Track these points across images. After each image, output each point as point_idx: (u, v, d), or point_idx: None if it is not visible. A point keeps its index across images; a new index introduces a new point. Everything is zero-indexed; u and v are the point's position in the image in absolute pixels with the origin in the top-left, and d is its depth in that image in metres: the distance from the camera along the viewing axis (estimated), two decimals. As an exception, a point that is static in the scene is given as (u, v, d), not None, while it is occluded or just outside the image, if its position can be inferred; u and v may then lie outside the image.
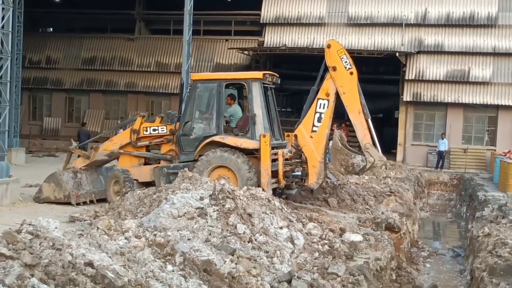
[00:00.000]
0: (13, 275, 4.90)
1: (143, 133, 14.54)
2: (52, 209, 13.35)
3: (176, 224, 7.87)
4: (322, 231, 9.84)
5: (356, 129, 13.28)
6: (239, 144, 13.15)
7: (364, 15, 31.27)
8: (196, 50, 31.68)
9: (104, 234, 6.62)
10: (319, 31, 31.78)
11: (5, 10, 14.11)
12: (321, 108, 13.28)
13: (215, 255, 7.16)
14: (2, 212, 12.91)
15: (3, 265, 5.07)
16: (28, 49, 32.55)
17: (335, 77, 13.28)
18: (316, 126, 13.16)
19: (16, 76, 23.99)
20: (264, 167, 12.68)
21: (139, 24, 35.32)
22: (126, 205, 11.38)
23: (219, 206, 8.53)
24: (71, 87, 35.43)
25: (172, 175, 13.38)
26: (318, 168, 12.99)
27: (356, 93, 13.33)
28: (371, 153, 13.12)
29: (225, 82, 13.92)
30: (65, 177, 14.54)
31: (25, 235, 5.64)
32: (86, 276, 5.31)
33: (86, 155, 15.33)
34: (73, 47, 35.78)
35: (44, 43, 36.26)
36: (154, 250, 6.62)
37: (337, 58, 13.38)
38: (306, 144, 13.15)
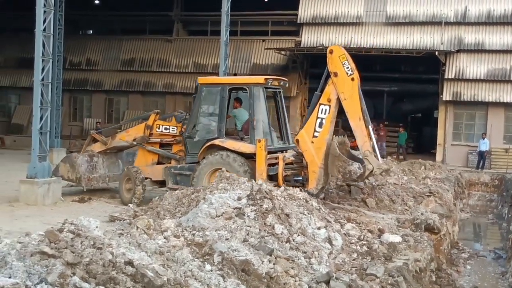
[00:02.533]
0: (55, 273, 4.99)
1: (156, 130, 15.09)
2: (93, 209, 13.57)
3: (214, 224, 7.91)
4: (361, 232, 9.76)
5: (356, 136, 13.10)
6: (237, 148, 13.54)
7: (402, 14, 30.94)
8: (234, 51, 31.76)
9: (144, 234, 6.69)
10: (357, 30, 31.56)
11: (47, 13, 14.39)
12: (323, 114, 13.24)
13: (253, 255, 7.16)
14: (44, 212, 13.19)
15: (46, 263, 5.16)
16: (68, 51, 33.08)
17: (336, 83, 13.19)
18: (318, 131, 13.15)
19: (57, 78, 24.43)
20: (259, 171, 13.08)
21: (177, 26, 35.61)
22: (165, 204, 11.48)
23: (256, 206, 8.54)
24: (110, 89, 35.92)
25: (178, 176, 14.19)
26: (317, 173, 12.96)
27: (357, 100, 13.15)
28: (370, 160, 12.90)
29: (229, 87, 14.30)
30: (80, 160, 15.30)
31: (67, 234, 5.74)
32: (126, 275, 5.37)
33: (103, 141, 15.97)
34: (113, 48, 36.26)
35: (84, 45, 36.82)
36: (193, 250, 6.66)
37: (339, 64, 13.27)
38: (307, 149, 13.15)
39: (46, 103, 14.33)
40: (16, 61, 37.32)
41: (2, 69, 37.98)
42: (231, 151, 13.54)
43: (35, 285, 4.86)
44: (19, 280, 4.82)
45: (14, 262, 5.12)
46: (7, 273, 4.98)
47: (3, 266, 5.13)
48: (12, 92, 38.19)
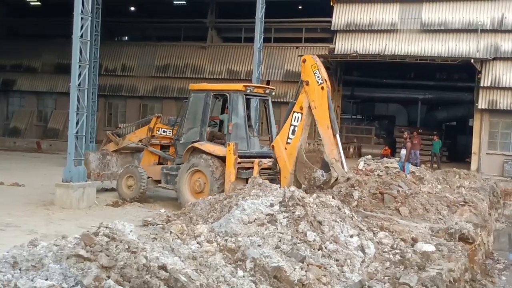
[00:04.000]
0: (90, 276, 5.06)
1: (156, 132, 16.09)
2: (127, 213, 13.72)
3: (246, 230, 7.92)
4: (394, 241, 9.67)
5: (324, 144, 13.54)
6: (212, 151, 14.37)
7: (438, 21, 30.66)
8: (267, 57, 31.86)
9: (177, 238, 6.74)
10: (391, 37, 31.37)
11: (84, 19, 14.64)
12: (295, 121, 13.69)
13: (285, 262, 7.16)
14: (79, 215, 13.38)
15: (81, 266, 5.24)
16: (104, 57, 33.57)
17: (308, 92, 13.61)
18: (290, 138, 13.63)
19: (93, 84, 24.78)
20: (227, 173, 13.90)
21: (211, 32, 35.86)
22: (197, 210, 11.56)
23: (289, 213, 8.53)
24: (145, 94, 36.32)
25: (168, 176, 15.09)
26: (288, 179, 13.34)
27: (326, 108, 13.54)
28: (335, 168, 13.29)
29: (212, 93, 15.09)
30: (91, 157, 16.49)
31: (102, 237, 5.81)
32: (160, 279, 5.41)
33: (116, 141, 17.10)
34: (147, 55, 36.68)
35: (119, 52, 37.33)
36: (225, 255, 6.69)
37: (310, 73, 13.72)
38: (280, 155, 13.69)
39: (82, 108, 14.55)
40: (53, 67, 38.00)
41: (39, 74, 38.71)
42: (207, 153, 14.32)
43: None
44: (55, 282, 4.90)
45: (51, 264, 5.20)
46: (43, 275, 5.07)
47: (40, 268, 5.22)
48: (49, 97, 38.88)
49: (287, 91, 32.99)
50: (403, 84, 36.63)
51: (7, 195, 15.52)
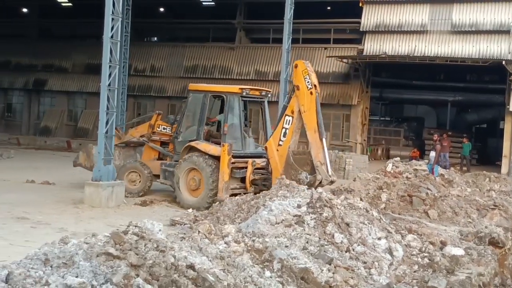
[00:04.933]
0: (120, 274, 5.12)
1: (157, 129, 16.46)
2: (155, 212, 13.83)
3: (274, 231, 7.93)
4: (422, 244, 9.59)
5: (311, 147, 14.14)
6: (208, 151, 14.81)
7: (468, 22, 30.30)
8: (295, 58, 31.71)
9: (205, 238, 6.78)
10: (421, 38, 31.09)
11: (115, 20, 14.79)
12: (287, 124, 14.33)
13: (312, 263, 7.15)
14: (108, 214, 13.53)
15: (111, 264, 5.30)
16: (133, 57, 33.84)
17: (298, 96, 14.25)
18: (282, 140, 14.30)
19: (122, 84, 25.01)
20: (221, 172, 14.36)
21: (239, 33, 35.94)
22: (225, 210, 11.60)
23: (316, 215, 8.51)
24: (173, 95, 36.53)
25: (166, 172, 15.57)
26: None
27: (314, 113, 14.19)
28: (320, 171, 13.86)
29: (210, 94, 15.55)
30: (95, 150, 16.32)
31: (131, 236, 5.87)
32: (188, 279, 5.45)
33: (119, 135, 17.38)
34: (176, 56, 36.91)
35: (148, 52, 37.63)
36: (253, 256, 6.71)
37: (301, 78, 14.28)
38: (272, 157, 14.38)
39: (112, 108, 14.70)
40: (83, 67, 38.47)
41: (70, 74, 39.22)
42: (203, 152, 14.78)
43: (101, 285, 4.99)
44: (85, 280, 4.97)
45: (81, 262, 5.27)
46: (74, 273, 5.14)
47: (71, 266, 5.29)
48: (79, 97, 39.36)
49: (315, 92, 32.92)
50: (432, 86, 36.31)
51: (38, 193, 15.76)
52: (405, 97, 37.75)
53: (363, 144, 33.03)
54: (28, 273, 5.08)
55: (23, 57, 40.30)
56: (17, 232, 10.91)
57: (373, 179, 15.05)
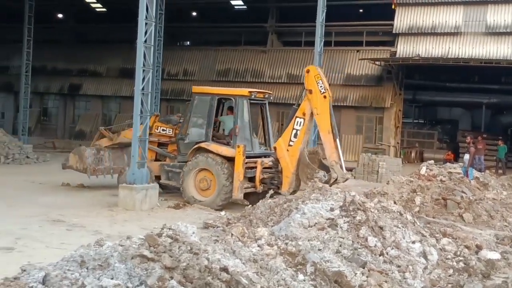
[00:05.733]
0: (154, 276, 5.18)
1: (155, 130, 16.50)
2: (188, 215, 13.89)
3: (306, 234, 7.92)
4: (457, 248, 9.48)
5: (325, 147, 14.88)
6: (220, 152, 15.18)
7: (503, 24, 29.82)
8: (327, 61, 31.72)
9: (238, 241, 6.81)
10: (455, 40, 30.69)
11: (148, 25, 14.94)
12: (298, 126, 15.02)
13: (346, 266, 7.12)
14: (141, 216, 13.64)
15: (146, 266, 5.36)
16: (166, 62, 34.13)
17: (311, 99, 14.99)
18: (293, 141, 14.98)
19: (155, 88, 25.25)
20: (236, 173, 14.74)
21: (271, 37, 35.96)
22: (257, 213, 11.60)
23: (349, 218, 8.48)
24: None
25: (170, 172, 15.87)
26: (290, 178, 14.93)
27: (327, 115, 14.97)
28: (335, 170, 14.58)
29: (217, 97, 15.85)
30: (87, 152, 16.82)
31: (165, 238, 5.93)
32: (221, 281, 5.48)
33: (110, 137, 17.53)
34: (208, 59, 37.09)
35: (181, 56, 37.89)
36: (286, 259, 6.71)
37: (313, 83, 14.99)
38: (282, 156, 15.03)
39: (146, 112, 14.84)
40: (117, 71, 38.90)
41: (104, 78, 39.70)
42: (214, 153, 15.11)
43: (136, 287, 5.06)
44: (120, 282, 5.04)
45: (116, 264, 5.34)
46: (109, 275, 5.21)
47: (106, 268, 5.37)
48: (113, 100, 39.81)
49: (347, 95, 32.75)
50: (467, 88, 35.81)
51: (73, 197, 15.99)
52: (438, 99, 37.31)
53: (397, 147, 32.74)
54: (65, 275, 5.17)
55: (58, 62, 40.96)
56: (53, 235, 11.08)
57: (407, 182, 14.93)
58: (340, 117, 32.94)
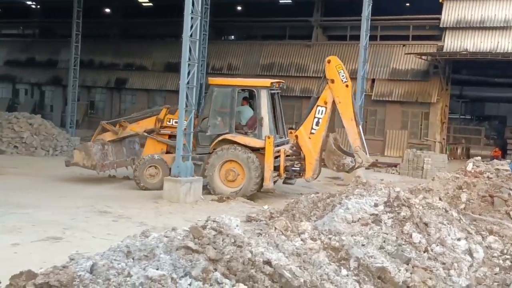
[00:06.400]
0: (199, 268, 5.25)
1: (166, 123, 16.67)
2: (231, 209, 13.99)
3: (350, 229, 7.89)
4: (504, 246, 9.29)
5: (349, 134, 15.66)
6: (248, 143, 15.63)
7: (556, 17, 29.02)
8: (372, 56, 31.39)
9: (281, 235, 6.83)
10: (504, 34, 29.99)
11: (194, 19, 15.06)
12: (319, 114, 15.66)
13: (390, 262, 7.07)
14: (186, 209, 13.81)
15: (190, 258, 5.44)
16: (211, 56, 34.32)
17: (332, 89, 15.61)
18: (314, 129, 15.66)
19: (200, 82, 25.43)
20: (268, 163, 15.33)
21: (316, 31, 35.80)
22: (300, 207, 11.62)
23: (394, 214, 8.40)
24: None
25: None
26: (314, 164, 15.67)
27: (350, 103, 15.63)
28: (360, 155, 15.50)
29: (238, 88, 16.18)
30: (95, 148, 16.70)
31: (209, 231, 5.99)
32: (265, 274, 5.52)
33: (114, 131, 17.35)
34: (253, 54, 37.16)
35: (226, 51, 38.04)
36: (329, 253, 6.71)
37: (335, 73, 15.65)
38: (304, 144, 15.71)
39: (191, 105, 14.98)
40: (163, 65, 39.33)
41: (150, 72, 40.18)
42: (241, 144, 15.49)
43: (180, 278, 5.13)
44: (165, 273, 5.12)
45: (162, 255, 5.43)
46: (155, 265, 5.30)
47: (152, 258, 5.46)
48: (159, 94, 40.28)
49: (393, 90, 32.38)
50: (517, 83, 35.00)
51: (119, 188, 16.29)
52: (486, 95, 36.52)
53: (442, 143, 32.23)
54: (111, 265, 5.28)
55: (106, 56, 41.65)
56: (100, 225, 11.32)
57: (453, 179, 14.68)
58: (385, 112, 32.63)
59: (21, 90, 46.63)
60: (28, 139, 24.18)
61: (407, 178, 23.11)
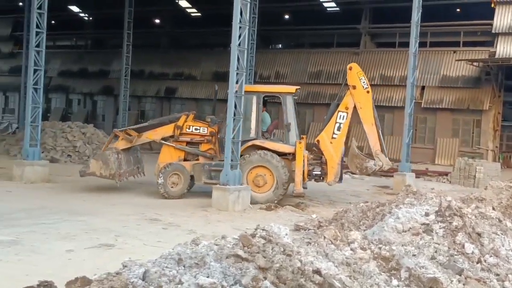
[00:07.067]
0: (248, 276, 5.26)
1: (186, 130, 16.57)
2: (279, 217, 14.00)
3: (400, 239, 7.79)
4: (561, 257, 9.02)
5: (369, 138, 16.16)
6: (277, 148, 16.00)
7: None
8: (422, 62, 31.02)
9: (331, 244, 6.80)
10: (560, 39, 29.22)
11: (242, 28, 15.17)
12: (341, 119, 16.09)
13: (441, 273, 6.95)
14: (234, 217, 13.88)
15: (240, 266, 5.46)
16: (259, 64, 34.48)
17: (354, 95, 16.08)
18: (336, 134, 16.05)
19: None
20: (299, 168, 15.65)
21: (364, 38, 35.60)
22: (349, 217, 11.54)
23: (445, 223, 8.26)
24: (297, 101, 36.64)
25: (213, 172, 15.98)
26: (336, 168, 16.02)
27: (370, 108, 16.15)
28: (380, 158, 16.11)
29: (263, 95, 16.54)
30: (113, 157, 16.17)
31: (259, 239, 6.00)
32: (314, 283, 5.49)
33: (129, 139, 16.88)
34: (300, 62, 37.17)
35: (273, 59, 38.18)
36: (379, 263, 6.63)
37: (356, 79, 16.17)
38: (326, 149, 16.07)
39: (239, 114, 15.07)
40: (211, 75, 39.74)
41: (199, 82, 40.64)
42: (271, 150, 15.74)
43: (230, 286, 5.16)
44: (216, 280, 5.15)
45: (212, 263, 5.48)
46: (205, 273, 5.35)
47: (202, 266, 5.51)
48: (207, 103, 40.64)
49: (443, 97, 31.88)
50: None
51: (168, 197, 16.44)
52: (541, 102, 35.65)
53: (495, 151, 31.54)
54: (163, 272, 5.35)
55: (155, 66, 42.35)
56: (150, 233, 11.48)
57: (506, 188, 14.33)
58: (436, 120, 32.14)
59: (74, 100, 47.85)
60: (81, 148, 24.78)
61: (459, 187, 22.68)
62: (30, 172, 18.24)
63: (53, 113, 45.78)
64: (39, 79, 18.89)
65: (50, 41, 37.43)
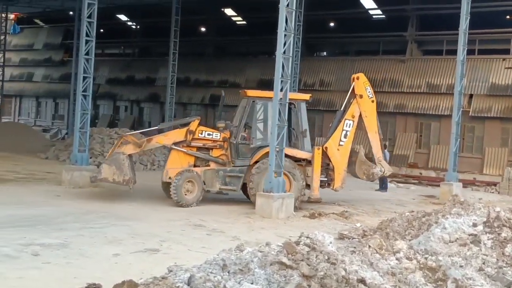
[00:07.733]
0: (292, 283, 5.27)
1: (198, 135, 16.31)
2: (323, 225, 13.94)
3: (447, 250, 7.68)
4: None
5: (373, 145, 16.98)
6: (295, 154, 16.23)
7: None
8: (470, 70, 30.42)
9: (376, 253, 6.74)
10: None
11: (287, 36, 15.22)
12: (347, 127, 16.71)
13: (490, 285, 6.83)
14: (278, 224, 13.89)
15: (284, 273, 5.47)
16: (303, 72, 34.40)
17: (360, 103, 16.85)
18: (343, 141, 16.58)
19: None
20: (316, 173, 16.06)
21: (410, 46, 35.15)
22: (394, 226, 11.42)
23: (494, 234, 8.11)
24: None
25: (228, 177, 16.10)
26: (342, 175, 16.50)
27: (375, 117, 17.04)
28: (382, 165, 16.97)
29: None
30: (127, 162, 15.66)
31: (303, 247, 6.01)
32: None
33: (138, 144, 16.25)
34: (345, 69, 36.90)
35: (318, 67, 38.04)
36: (425, 274, 6.55)
37: (363, 89, 16.92)
38: (333, 156, 16.46)
39: (283, 122, 15.07)
40: (255, 82, 39.83)
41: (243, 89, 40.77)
42: (288, 156, 15.62)
43: (274, 293, 5.17)
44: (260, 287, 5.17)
45: (256, 269, 5.50)
46: (249, 279, 5.38)
47: (246, 272, 5.54)
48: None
49: (492, 105, 31.21)
50: None
51: (213, 203, 16.56)
52: None
53: (546, 161, 30.70)
54: (208, 277, 5.40)
55: (201, 74, 42.70)
56: (195, 239, 11.58)
57: (558, 199, 13.99)
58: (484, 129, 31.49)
59: (121, 107, 48.63)
60: (127, 154, 25.08)
61: (507, 197, 22.19)
62: (78, 177, 18.61)
63: (101, 119, 46.61)
64: (88, 86, 19.29)
65: (99, 49, 38.23)
